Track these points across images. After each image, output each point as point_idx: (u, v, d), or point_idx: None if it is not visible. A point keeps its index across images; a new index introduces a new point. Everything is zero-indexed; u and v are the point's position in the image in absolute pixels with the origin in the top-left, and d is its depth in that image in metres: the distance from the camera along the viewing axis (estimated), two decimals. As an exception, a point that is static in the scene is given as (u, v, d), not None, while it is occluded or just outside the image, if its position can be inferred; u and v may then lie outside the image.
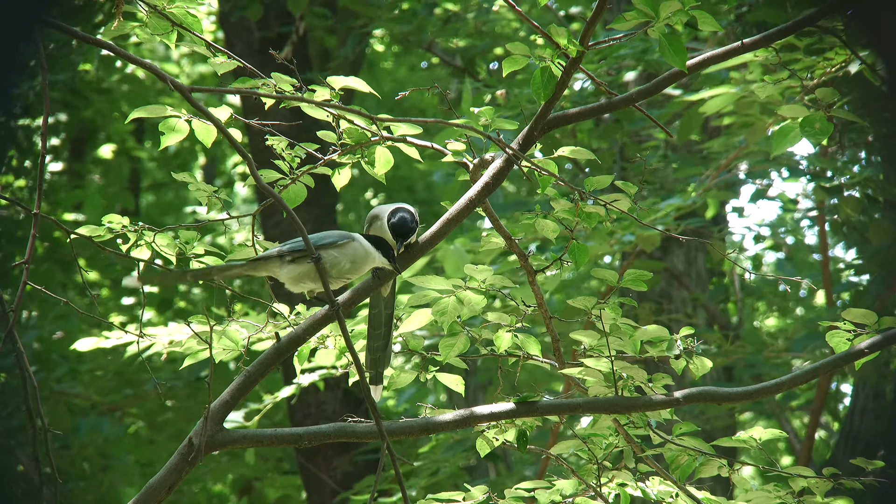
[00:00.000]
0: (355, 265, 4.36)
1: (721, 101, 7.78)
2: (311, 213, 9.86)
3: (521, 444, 4.78)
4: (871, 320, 4.56)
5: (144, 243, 4.51)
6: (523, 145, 4.47)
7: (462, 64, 10.93)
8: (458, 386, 4.80)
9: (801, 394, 10.34)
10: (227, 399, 4.47)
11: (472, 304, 4.56)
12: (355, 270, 4.37)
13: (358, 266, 4.37)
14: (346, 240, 4.35)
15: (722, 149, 8.74)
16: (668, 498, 4.90)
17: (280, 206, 4.24)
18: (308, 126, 4.77)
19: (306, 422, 9.74)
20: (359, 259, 4.36)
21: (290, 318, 4.91)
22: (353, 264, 4.35)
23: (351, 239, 4.37)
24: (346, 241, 4.35)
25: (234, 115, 4.45)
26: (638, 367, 4.53)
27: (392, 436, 4.52)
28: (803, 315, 12.48)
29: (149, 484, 4.44)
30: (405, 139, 4.58)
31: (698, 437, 4.66)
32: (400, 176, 13.18)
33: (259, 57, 9.83)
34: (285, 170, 4.56)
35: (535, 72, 4.37)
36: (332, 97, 4.49)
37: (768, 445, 4.68)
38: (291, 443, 4.58)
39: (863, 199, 8.79)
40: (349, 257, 4.34)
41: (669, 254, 10.30)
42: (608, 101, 4.54)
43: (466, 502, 4.87)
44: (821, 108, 4.50)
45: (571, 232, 4.55)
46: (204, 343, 4.92)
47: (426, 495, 5.09)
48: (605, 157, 9.74)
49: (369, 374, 4.83)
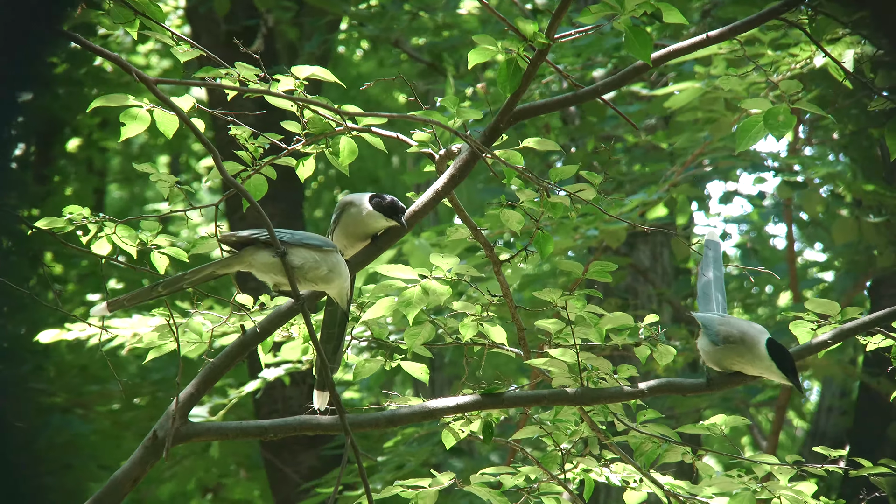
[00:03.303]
0: (331, 275, 4.30)
1: (686, 96, 7.80)
2: (278, 207, 9.83)
3: (487, 436, 4.78)
4: (833, 311, 4.58)
5: (105, 236, 4.47)
6: (489, 137, 4.47)
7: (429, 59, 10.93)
8: (423, 375, 4.79)
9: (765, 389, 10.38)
10: (191, 392, 4.45)
11: (437, 295, 4.55)
12: (329, 281, 4.31)
13: (333, 277, 4.31)
14: (330, 248, 4.30)
15: (687, 145, 8.76)
16: (631, 483, 4.92)
17: (245, 198, 4.22)
18: (274, 118, 4.75)
19: (272, 417, 9.71)
20: (337, 271, 4.31)
21: (255, 308, 4.88)
22: (330, 273, 4.30)
23: (335, 250, 4.32)
24: (330, 249, 4.30)
25: (196, 105, 4.43)
26: (603, 359, 4.54)
27: (358, 428, 4.50)
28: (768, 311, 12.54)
29: (113, 477, 4.41)
30: (370, 129, 4.57)
31: (663, 424, 4.67)
32: (365, 169, 13.17)
33: (226, 50, 9.78)
34: (248, 160, 4.54)
35: (500, 64, 4.36)
36: (296, 87, 4.48)
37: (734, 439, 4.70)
38: (257, 435, 4.56)
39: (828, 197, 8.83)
40: (329, 266, 4.29)
41: (635, 249, 10.32)
42: (574, 94, 4.54)
43: (432, 488, 4.87)
44: (784, 100, 4.51)
45: (537, 222, 4.56)
46: (167, 336, 4.89)
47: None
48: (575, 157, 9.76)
49: (317, 380, 4.79)
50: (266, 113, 4.80)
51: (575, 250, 8.74)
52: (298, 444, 9.89)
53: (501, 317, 4.92)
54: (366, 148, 4.71)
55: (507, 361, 10.77)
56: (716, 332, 4.44)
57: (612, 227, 8.25)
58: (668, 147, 9.22)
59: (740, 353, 4.40)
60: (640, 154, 9.44)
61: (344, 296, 4.34)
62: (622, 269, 10.00)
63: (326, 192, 14.10)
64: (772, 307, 12.44)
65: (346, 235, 4.63)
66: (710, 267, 4.74)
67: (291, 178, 4.85)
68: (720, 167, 9.12)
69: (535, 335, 4.94)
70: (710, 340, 4.46)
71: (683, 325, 9.85)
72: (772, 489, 4.61)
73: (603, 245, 9.11)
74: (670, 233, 4.99)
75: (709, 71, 7.54)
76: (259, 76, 4.46)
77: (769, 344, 4.38)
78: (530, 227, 4.58)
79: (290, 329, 5.11)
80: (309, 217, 13.68)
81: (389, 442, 8.66)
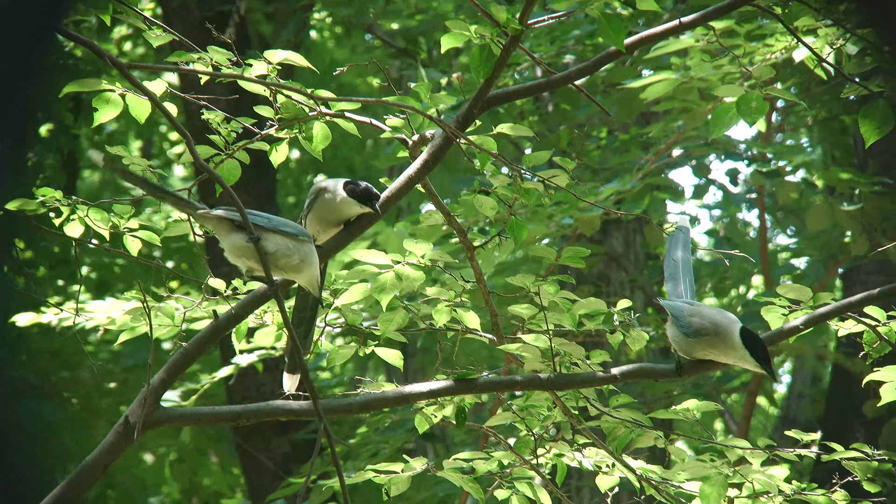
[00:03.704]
0: (302, 265, 4.27)
1: (661, 87, 7.81)
2: (251, 193, 9.81)
3: (460, 421, 4.79)
4: (805, 296, 4.60)
5: (78, 218, 4.45)
6: (463, 123, 4.47)
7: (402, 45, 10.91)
8: (397, 360, 4.79)
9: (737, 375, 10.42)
10: (163, 377, 4.43)
11: (410, 280, 4.55)
12: (299, 270, 4.28)
13: (304, 267, 4.27)
14: (305, 237, 4.27)
15: (661, 134, 8.78)
16: (604, 467, 4.94)
17: (217, 183, 4.19)
18: (246, 103, 4.73)
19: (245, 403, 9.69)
20: (308, 261, 4.28)
21: (227, 292, 4.87)
22: (302, 263, 4.26)
23: (309, 239, 4.29)
24: (305, 239, 4.26)
25: (169, 90, 4.41)
26: (575, 344, 4.55)
27: (331, 413, 4.50)
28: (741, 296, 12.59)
29: (85, 462, 4.39)
30: (343, 114, 4.56)
31: (635, 409, 4.69)
32: (340, 157, 13.15)
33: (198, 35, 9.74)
34: (221, 145, 4.53)
35: (473, 50, 4.36)
36: (269, 72, 4.46)
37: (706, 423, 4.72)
38: (230, 420, 4.55)
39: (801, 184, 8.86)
40: (301, 256, 4.26)
41: (608, 236, 10.35)
42: (547, 80, 4.54)
43: (405, 473, 4.88)
44: (757, 86, 4.53)
45: (510, 208, 4.56)
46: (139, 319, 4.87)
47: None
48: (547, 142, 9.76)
49: (288, 363, 4.78)
50: (239, 98, 4.79)
51: (549, 238, 8.75)
52: (271, 429, 9.88)
53: (475, 303, 4.92)
54: (339, 133, 4.70)
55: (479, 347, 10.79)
56: (687, 323, 4.45)
57: (587, 214, 8.26)
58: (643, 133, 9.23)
59: (713, 345, 4.42)
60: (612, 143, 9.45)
61: (314, 285, 4.32)
62: (595, 255, 10.02)
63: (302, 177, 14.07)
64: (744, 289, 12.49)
65: (318, 221, 4.62)
66: (679, 252, 4.75)
67: (265, 163, 4.83)
68: (693, 155, 9.14)
69: (509, 321, 4.95)
70: (682, 332, 4.47)
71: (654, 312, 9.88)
72: (744, 473, 4.63)
73: (577, 233, 9.13)
74: (645, 218, 5.00)
75: (685, 62, 7.55)
76: (232, 61, 4.45)
77: (743, 333, 4.39)
78: (504, 214, 4.59)
79: (264, 316, 5.10)
80: (282, 203, 13.65)
81: (362, 428, 8.66)
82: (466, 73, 9.52)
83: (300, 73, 11.11)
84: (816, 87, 9.28)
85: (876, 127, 4.42)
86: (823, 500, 4.73)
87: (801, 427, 11.09)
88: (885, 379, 4.53)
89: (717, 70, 7.30)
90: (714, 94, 7.64)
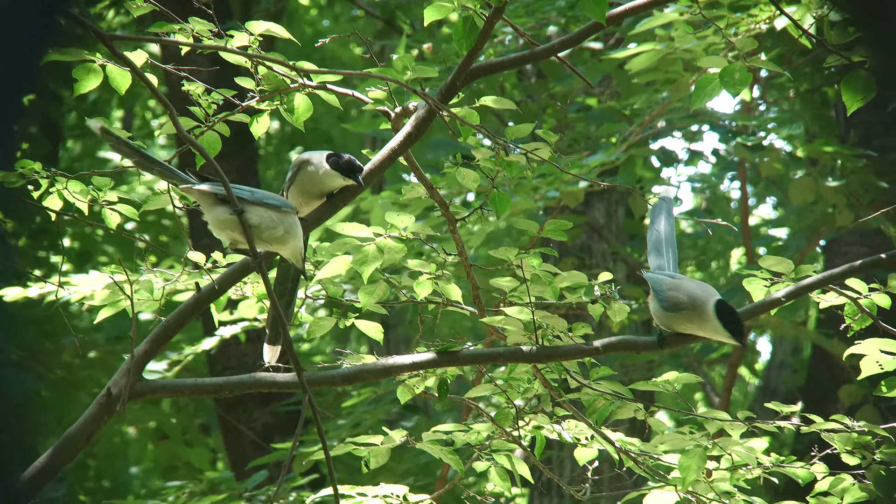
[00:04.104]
0: (287, 236, 4.26)
1: (646, 58, 7.80)
2: (232, 164, 9.77)
3: (442, 393, 4.79)
4: (787, 268, 4.61)
5: (57, 191, 4.44)
6: (446, 95, 4.46)
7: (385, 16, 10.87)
8: (378, 334, 4.79)
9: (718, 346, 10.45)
10: (146, 349, 4.43)
11: (392, 253, 4.54)
12: (283, 242, 4.27)
13: (288, 239, 4.27)
14: (288, 209, 4.25)
15: (645, 106, 8.78)
16: (583, 439, 4.95)
17: (201, 155, 4.17)
18: (228, 74, 4.71)
19: (227, 374, 9.68)
20: (293, 233, 4.27)
21: (208, 265, 4.86)
22: (286, 235, 4.25)
23: (293, 211, 4.27)
24: (288, 211, 4.25)
25: (150, 61, 4.38)
26: (558, 317, 4.55)
27: (314, 386, 4.49)
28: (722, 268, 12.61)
29: (67, 433, 4.39)
30: (325, 86, 4.54)
31: (615, 381, 4.70)
32: (320, 129, 13.11)
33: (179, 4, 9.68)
34: (202, 117, 4.51)
35: (457, 21, 4.35)
36: (251, 43, 4.44)
37: (686, 396, 4.73)
38: (212, 392, 4.54)
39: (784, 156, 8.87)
40: (286, 227, 4.25)
41: (590, 207, 10.35)
42: (530, 52, 4.53)
43: (384, 445, 4.88)
44: (740, 57, 4.52)
45: (493, 181, 4.55)
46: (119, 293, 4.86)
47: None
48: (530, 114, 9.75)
49: (269, 334, 4.77)
50: (220, 69, 4.76)
51: (532, 211, 8.75)
52: (253, 401, 9.88)
53: (458, 276, 4.92)
54: (320, 104, 4.68)
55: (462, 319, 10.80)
56: (665, 298, 4.46)
57: (572, 188, 8.27)
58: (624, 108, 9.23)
59: (690, 319, 4.43)
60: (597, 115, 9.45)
61: (298, 256, 4.31)
62: (578, 227, 10.03)
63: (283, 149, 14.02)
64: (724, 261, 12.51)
65: (301, 193, 4.61)
66: (662, 223, 4.74)
67: (246, 135, 4.81)
68: (675, 126, 9.14)
69: (491, 294, 4.96)
70: (660, 305, 4.48)
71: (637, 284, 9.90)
72: (723, 445, 4.64)
73: (560, 204, 9.13)
74: (630, 189, 5.00)
75: (669, 34, 7.54)
76: (213, 31, 4.42)
77: (717, 306, 4.40)
78: (487, 187, 4.58)
79: (244, 288, 5.09)
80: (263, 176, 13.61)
81: (348, 402, 8.67)
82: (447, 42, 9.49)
83: (281, 42, 11.05)
84: (798, 58, 9.28)
85: (858, 95, 4.43)
86: (803, 473, 4.75)
87: (781, 397, 11.14)
88: (866, 352, 4.54)
89: (701, 41, 7.29)
90: (698, 66, 7.63)
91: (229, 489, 8.26)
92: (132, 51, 4.34)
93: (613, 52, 8.29)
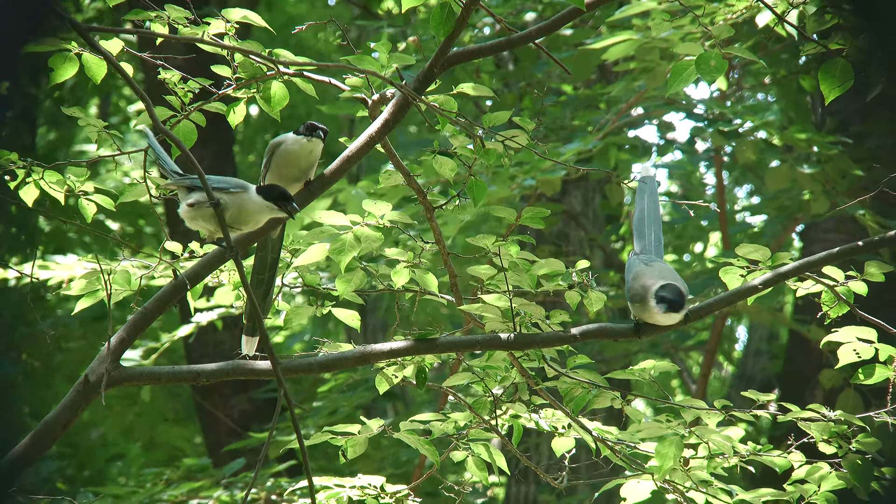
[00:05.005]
0: (245, 215, 4.26)
1: (623, 47, 7.81)
2: (208, 150, 9.74)
3: (420, 381, 4.79)
4: (764, 256, 4.62)
5: (33, 181, 4.41)
6: (423, 82, 4.45)
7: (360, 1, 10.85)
8: (355, 321, 4.79)
9: (695, 333, 10.48)
10: (123, 336, 4.42)
11: (369, 241, 4.53)
12: (245, 221, 4.28)
13: (249, 217, 4.27)
14: (239, 189, 4.26)
15: (622, 93, 8.78)
16: (560, 428, 4.96)
17: (176, 146, 4.16)
18: (204, 61, 4.69)
19: (203, 361, 9.67)
20: (250, 210, 4.27)
21: (184, 255, 4.85)
22: (243, 214, 4.26)
23: (244, 189, 4.28)
24: (238, 191, 4.25)
25: (125, 49, 4.36)
26: (535, 304, 4.55)
27: (291, 373, 4.49)
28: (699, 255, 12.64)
29: (44, 421, 4.39)
30: (302, 74, 4.53)
31: (593, 370, 4.70)
32: (297, 115, 13.08)
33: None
34: (177, 105, 4.49)
35: (434, 7, 4.33)
36: (227, 31, 4.42)
37: (663, 383, 4.74)
38: (189, 380, 4.53)
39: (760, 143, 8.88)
40: (238, 206, 4.25)
41: (567, 195, 10.36)
42: (508, 38, 4.52)
43: (361, 434, 4.88)
44: (716, 45, 4.52)
45: (470, 168, 4.55)
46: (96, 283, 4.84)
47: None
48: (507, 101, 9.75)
49: (246, 325, 4.78)
50: (196, 56, 4.74)
51: (510, 199, 8.76)
52: (229, 387, 9.87)
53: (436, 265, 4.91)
54: (296, 92, 4.67)
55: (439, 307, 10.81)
56: (629, 288, 4.47)
57: (549, 176, 8.27)
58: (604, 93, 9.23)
59: (644, 310, 4.43)
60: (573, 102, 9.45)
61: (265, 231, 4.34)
62: (555, 215, 10.03)
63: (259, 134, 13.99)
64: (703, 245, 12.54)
65: (279, 178, 4.61)
66: (644, 203, 4.74)
67: (222, 121, 4.80)
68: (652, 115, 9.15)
69: (468, 282, 4.95)
70: (627, 296, 4.50)
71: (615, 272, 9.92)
72: (700, 434, 4.65)
73: (537, 192, 9.13)
74: (609, 172, 4.99)
75: (646, 23, 7.54)
76: (189, 19, 4.40)
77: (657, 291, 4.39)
78: (464, 175, 4.57)
79: (220, 276, 5.08)
80: (241, 161, 13.57)
81: (323, 387, 8.67)
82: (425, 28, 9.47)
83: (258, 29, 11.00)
84: (774, 45, 9.29)
85: (836, 84, 4.43)
86: (780, 461, 4.76)
87: (758, 384, 11.18)
88: (843, 340, 4.56)
89: (678, 30, 7.30)
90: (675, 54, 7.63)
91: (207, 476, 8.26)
92: (108, 39, 4.31)
93: (591, 42, 8.28)
